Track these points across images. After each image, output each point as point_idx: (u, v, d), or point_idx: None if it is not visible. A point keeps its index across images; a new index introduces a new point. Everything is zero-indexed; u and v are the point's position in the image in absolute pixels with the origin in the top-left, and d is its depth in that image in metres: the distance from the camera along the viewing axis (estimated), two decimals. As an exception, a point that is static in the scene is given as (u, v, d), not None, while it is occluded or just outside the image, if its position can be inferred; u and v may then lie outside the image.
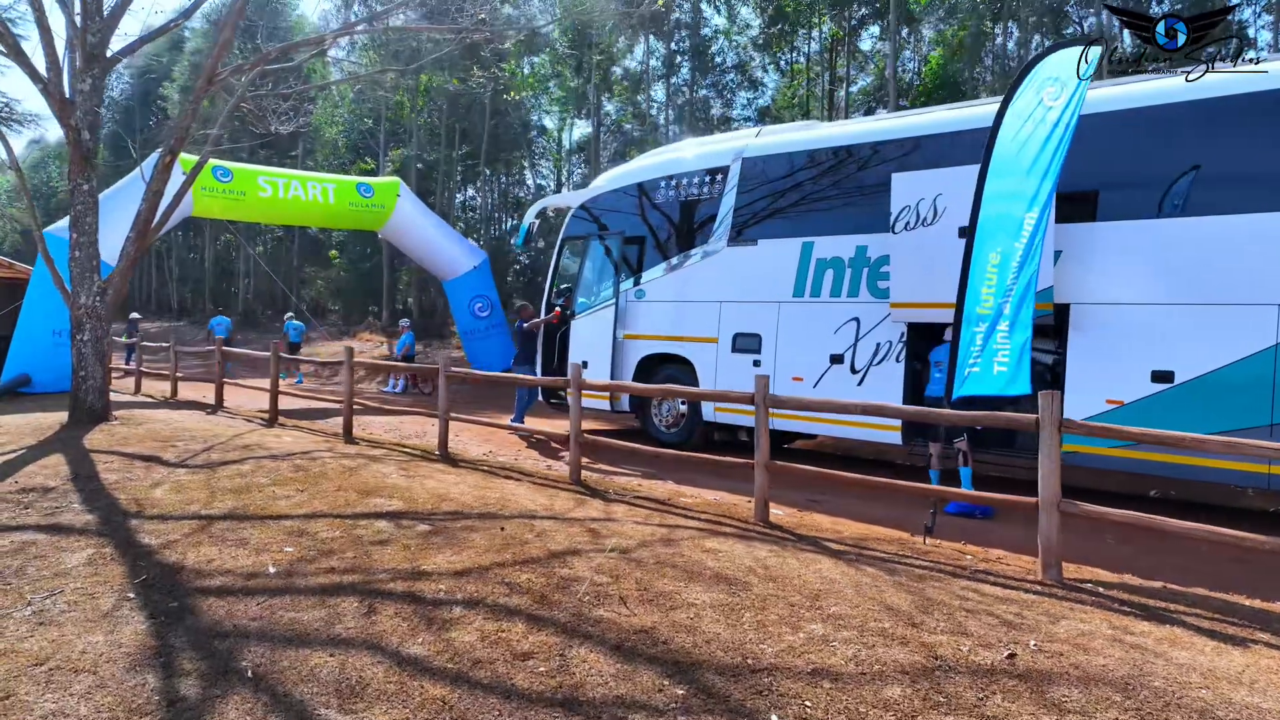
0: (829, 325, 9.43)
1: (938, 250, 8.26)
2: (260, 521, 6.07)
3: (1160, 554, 6.03)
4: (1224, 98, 7.06)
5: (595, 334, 11.67)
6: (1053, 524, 4.99)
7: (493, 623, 4.13)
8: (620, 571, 4.86)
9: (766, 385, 6.59)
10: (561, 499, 6.91)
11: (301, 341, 22.14)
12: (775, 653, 3.77)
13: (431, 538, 5.56)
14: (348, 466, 7.89)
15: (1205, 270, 7.12)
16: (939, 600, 4.51)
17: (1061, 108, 6.25)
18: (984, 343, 6.14)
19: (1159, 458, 7.26)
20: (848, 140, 9.58)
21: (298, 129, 13.56)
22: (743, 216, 10.34)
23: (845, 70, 29.04)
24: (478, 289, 19.60)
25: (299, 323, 22.66)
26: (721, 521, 6.40)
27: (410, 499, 6.64)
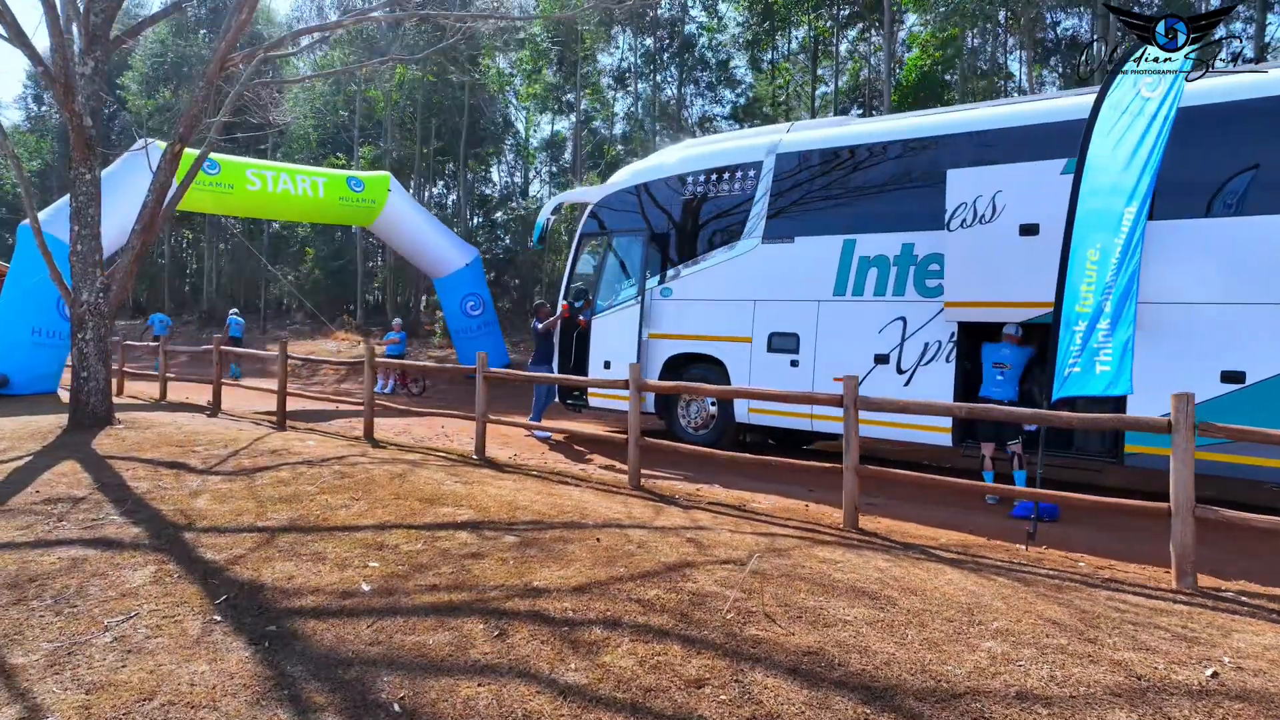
0: (873, 325, 9.23)
1: (997, 248, 8.12)
2: (327, 534, 5.67)
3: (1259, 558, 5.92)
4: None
5: (619, 333, 11.35)
6: (1187, 531, 4.82)
7: (643, 645, 3.82)
8: (748, 585, 4.58)
9: (855, 386, 6.36)
10: (636, 506, 6.59)
11: (243, 336, 21.39)
12: (965, 674, 3.52)
13: (526, 550, 5.21)
14: (392, 473, 7.48)
15: (1277, 269, 7.05)
16: (1094, 612, 4.30)
17: (1159, 99, 6.11)
18: (1084, 342, 5.97)
19: (1236, 459, 7.18)
20: (893, 136, 9.38)
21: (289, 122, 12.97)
22: (778, 213, 10.11)
23: (833, 68, 29.01)
24: (470, 287, 19.13)
25: (241, 319, 22.02)
26: (814, 529, 6.14)
27: (480, 508, 6.27)
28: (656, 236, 11.19)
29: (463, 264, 19.03)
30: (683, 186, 11.04)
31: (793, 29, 28.85)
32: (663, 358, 10.98)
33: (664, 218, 11.19)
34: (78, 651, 4.03)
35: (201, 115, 9.94)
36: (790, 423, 9.98)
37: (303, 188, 16.78)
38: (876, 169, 9.42)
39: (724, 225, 10.61)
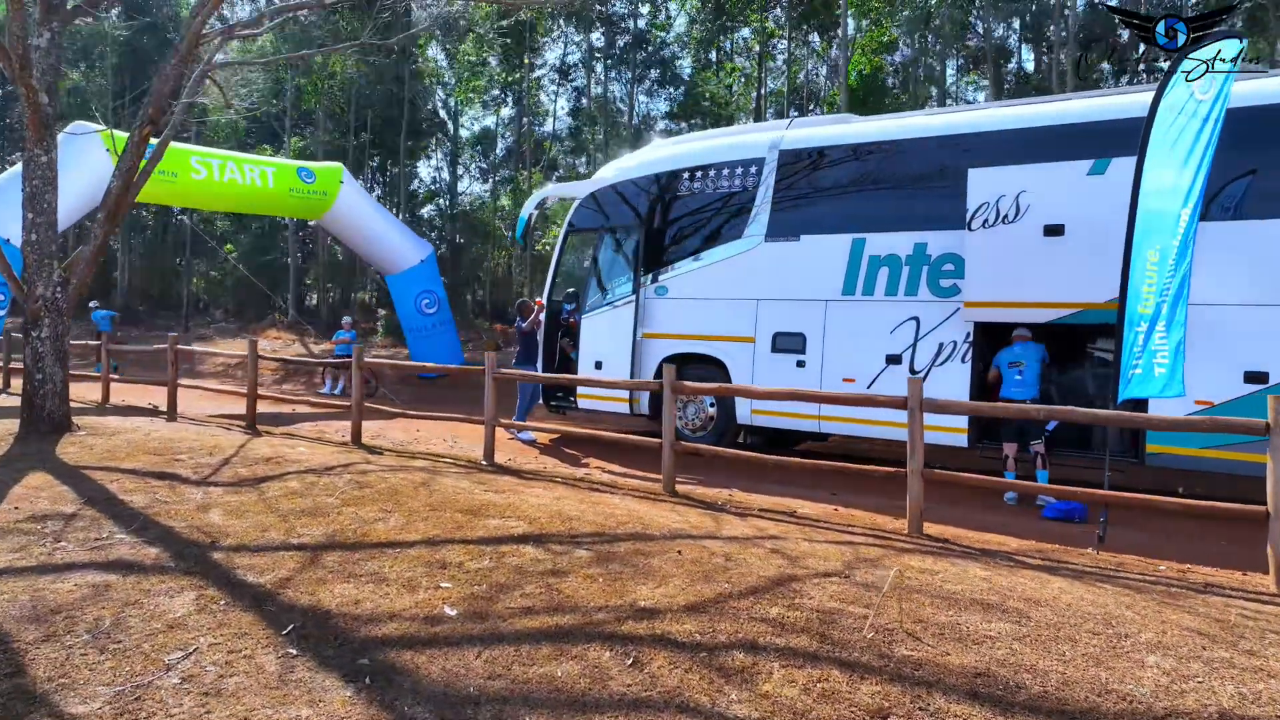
0: (884, 325, 9.14)
1: (1019, 249, 8.11)
2: (375, 551, 5.19)
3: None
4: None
5: (611, 333, 11.01)
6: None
7: (797, 670, 3.53)
8: (866, 600, 4.33)
9: (920, 389, 6.20)
10: (692, 515, 6.29)
11: (114, 330, 19.95)
12: (1151, 694, 3.34)
13: (608, 565, 4.86)
14: (413, 482, 6.99)
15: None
16: (1228, 620, 4.21)
17: (1211, 100, 6.13)
18: (1144, 343, 5.94)
19: (1249, 458, 7.30)
20: (907, 134, 9.31)
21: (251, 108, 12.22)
22: (781, 211, 9.93)
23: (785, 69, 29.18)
24: (425, 284, 18.47)
25: (107, 311, 20.60)
26: (883, 535, 5.96)
27: (530, 519, 5.87)
28: (651, 233, 10.89)
29: (417, 260, 18.36)
30: (678, 182, 10.77)
31: (741, 28, 28.89)
32: (658, 358, 10.66)
33: (658, 213, 10.90)
34: (146, 696, 3.51)
35: (171, 96, 9.17)
36: (797, 424, 9.82)
37: (251, 177, 15.88)
38: (887, 167, 9.33)
39: (723, 222, 10.39)
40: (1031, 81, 30.95)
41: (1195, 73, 6.13)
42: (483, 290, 32.63)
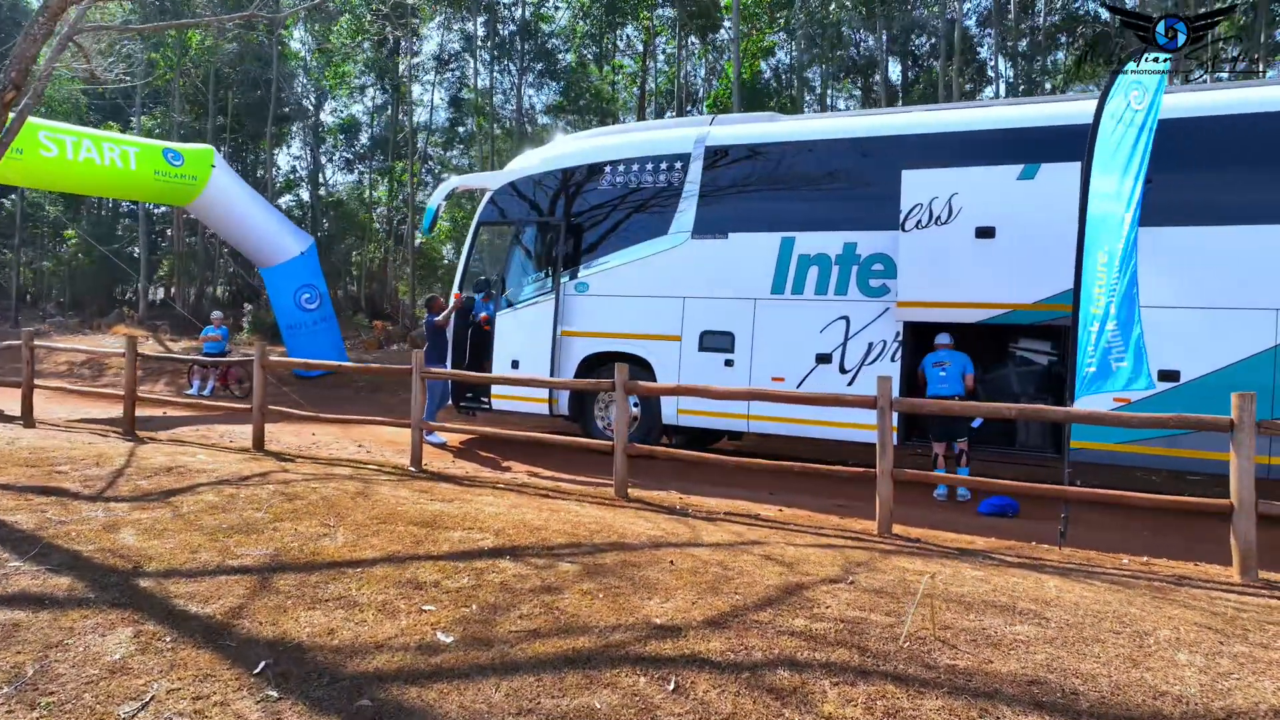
0: (814, 324, 9.15)
1: (952, 250, 8.27)
2: (334, 571, 4.66)
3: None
4: (1228, 116, 7.64)
5: (528, 331, 10.59)
6: (1250, 526, 5.01)
7: (850, 687, 3.33)
8: (883, 606, 4.20)
9: (890, 389, 6.16)
10: (661, 521, 6.02)
11: None
12: (1201, 694, 3.34)
13: (601, 579, 4.53)
14: (345, 491, 6.40)
15: (1210, 276, 7.63)
16: (1225, 614, 4.32)
17: (1145, 110, 6.38)
18: (1097, 341, 6.12)
19: (1164, 452, 7.72)
20: (838, 134, 9.37)
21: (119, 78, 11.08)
22: (709, 207, 9.80)
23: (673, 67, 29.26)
24: (305, 277, 17.34)
25: None
26: (858, 537, 5.88)
27: (495, 530, 5.44)
28: (571, 227, 10.53)
29: (297, 251, 17.21)
30: (600, 175, 10.46)
31: (626, 24, 28.76)
32: (579, 357, 10.34)
33: (579, 207, 10.55)
34: (108, 761, 2.94)
35: (36, 56, 8.08)
36: (726, 424, 9.72)
37: (111, 158, 14.40)
38: (818, 166, 9.35)
39: (648, 218, 10.15)
40: (917, 90, 32.12)
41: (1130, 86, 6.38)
42: (355, 285, 31.15)
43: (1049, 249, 7.89)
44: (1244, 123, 7.72)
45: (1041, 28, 27.72)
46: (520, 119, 28.69)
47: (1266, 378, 7.40)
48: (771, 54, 33.66)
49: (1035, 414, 6.49)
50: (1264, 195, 7.55)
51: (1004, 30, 29.12)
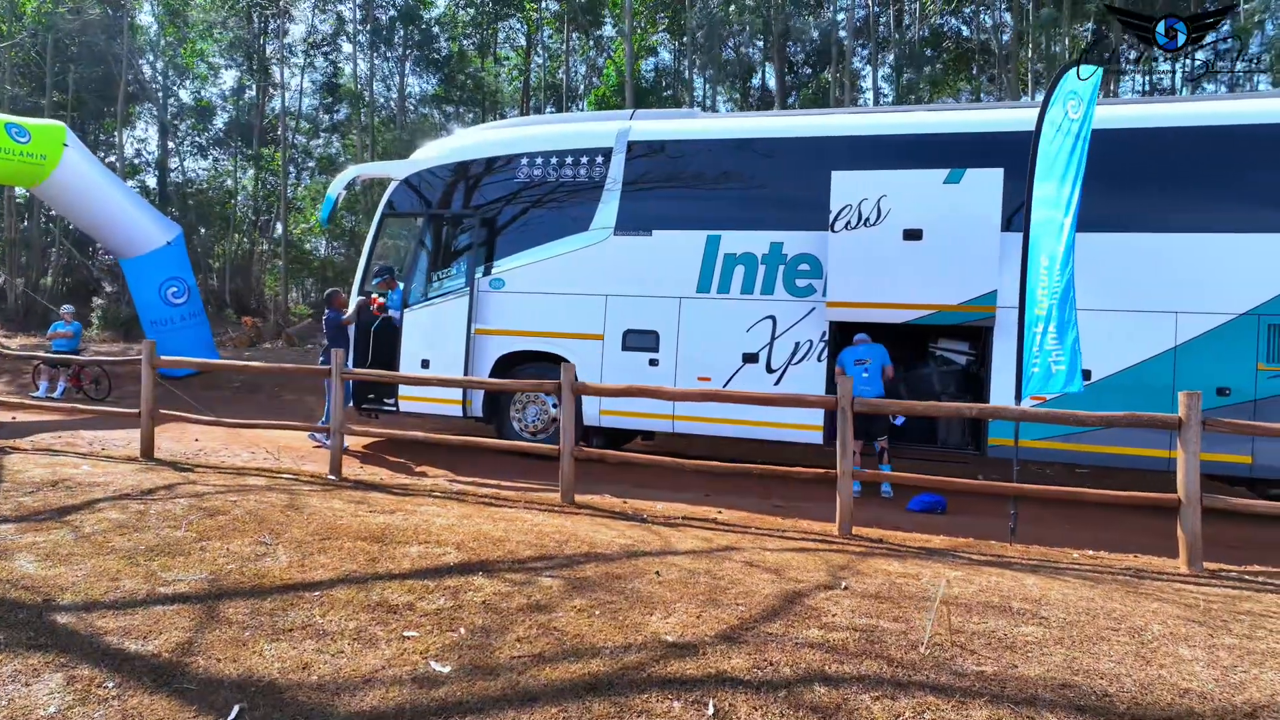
0: (741, 323, 9.11)
1: (880, 251, 8.38)
2: (288, 596, 4.18)
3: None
4: (1131, 130, 8.08)
5: (438, 329, 10.07)
6: (1197, 519, 5.24)
7: (892, 700, 3.21)
8: (889, 613, 4.12)
9: (850, 388, 6.12)
10: (625, 528, 5.76)
11: None
12: (1219, 688, 3.40)
13: (590, 595, 4.24)
14: (270, 504, 5.82)
15: (1117, 281, 8.03)
16: (1199, 605, 4.47)
17: (1080, 120, 6.64)
18: (1040, 343, 6.31)
19: (1081, 448, 8.09)
20: (766, 133, 9.33)
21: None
22: (632, 203, 9.58)
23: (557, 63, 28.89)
24: (172, 270, 16.00)
25: None
26: (822, 539, 5.81)
27: (454, 544, 5.05)
28: (485, 220, 10.08)
29: (163, 241, 15.86)
30: (517, 167, 10.06)
31: (512, 15, 28.17)
32: (494, 356, 9.92)
33: (494, 199, 10.12)
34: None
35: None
36: (650, 424, 9.54)
37: (-58, 131, 12.79)
38: (745, 165, 9.30)
39: (568, 212, 9.84)
40: (803, 95, 32.79)
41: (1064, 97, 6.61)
42: (216, 278, 29.14)
43: (973, 252, 8.14)
44: (1145, 136, 8.18)
45: (914, 41, 28.92)
46: (403, 108, 27.58)
47: (1167, 377, 7.85)
48: (654, 53, 33.85)
49: (992, 413, 6.61)
50: (1163, 205, 8.02)
51: (877, 43, 30.29)
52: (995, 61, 28.76)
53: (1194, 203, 7.99)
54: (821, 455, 9.44)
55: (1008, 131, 8.32)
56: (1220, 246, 7.82)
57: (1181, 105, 8.44)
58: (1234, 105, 8.32)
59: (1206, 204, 7.96)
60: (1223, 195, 7.94)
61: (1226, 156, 7.96)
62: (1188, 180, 8.03)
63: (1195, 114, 8.25)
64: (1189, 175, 8.03)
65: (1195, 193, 8.00)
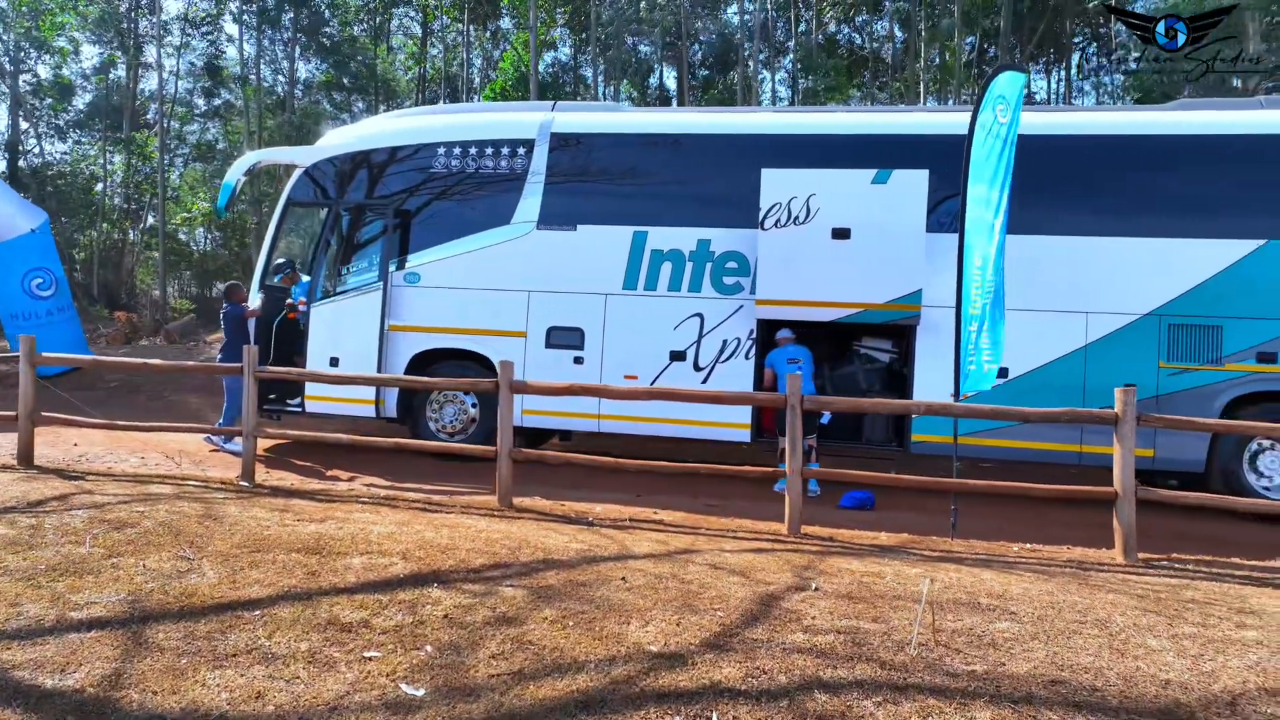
0: (668, 321, 9.00)
1: (809, 250, 8.42)
2: (224, 617, 3.79)
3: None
4: (1043, 136, 8.37)
5: (348, 325, 9.56)
6: (1132, 511, 5.42)
7: (894, 705, 3.13)
8: (866, 613, 4.05)
9: (799, 386, 6.07)
10: (575, 532, 5.52)
11: None
12: (1195, 678, 3.47)
13: (559, 605, 4.01)
14: (184, 514, 5.31)
15: (1031, 281, 8.29)
16: (1147, 595, 4.60)
17: (1008, 124, 6.81)
18: (976, 341, 6.43)
19: (998, 443, 8.32)
20: (693, 129, 9.26)
21: None
22: (556, 197, 9.33)
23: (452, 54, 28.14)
24: (35, 259, 14.69)
25: None
26: (775, 539, 5.74)
27: (399, 553, 4.71)
28: (400, 212, 9.63)
29: (27, 229, 14.56)
30: (434, 156, 9.65)
31: (408, 4, 27.29)
32: (409, 354, 9.49)
33: (410, 190, 9.67)
34: None
35: None
36: (575, 424, 9.31)
37: None
38: (673, 161, 9.18)
39: (488, 205, 9.49)
40: (712, 94, 32.96)
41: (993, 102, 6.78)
42: (82, 271, 27.04)
43: (899, 251, 8.28)
44: (1057, 143, 8.49)
45: (811, 47, 29.58)
46: (292, 93, 26.30)
47: (1078, 375, 8.18)
48: (553, 48, 33.51)
49: (941, 410, 6.68)
50: (1074, 209, 8.34)
51: (774, 48, 30.87)
52: (886, 69, 29.77)
53: (1102, 208, 8.34)
54: (746, 453, 9.46)
55: (932, 134, 8.51)
56: (1126, 250, 8.19)
57: (1091, 114, 8.85)
58: (1135, 116, 8.76)
59: (1113, 209, 8.31)
60: (1127, 201, 8.32)
61: (1130, 164, 8.35)
62: (1096, 186, 8.38)
63: (1102, 123, 8.63)
64: (1097, 181, 8.38)
65: (1103, 198, 8.35)
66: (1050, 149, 8.42)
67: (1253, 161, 8.13)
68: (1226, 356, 7.94)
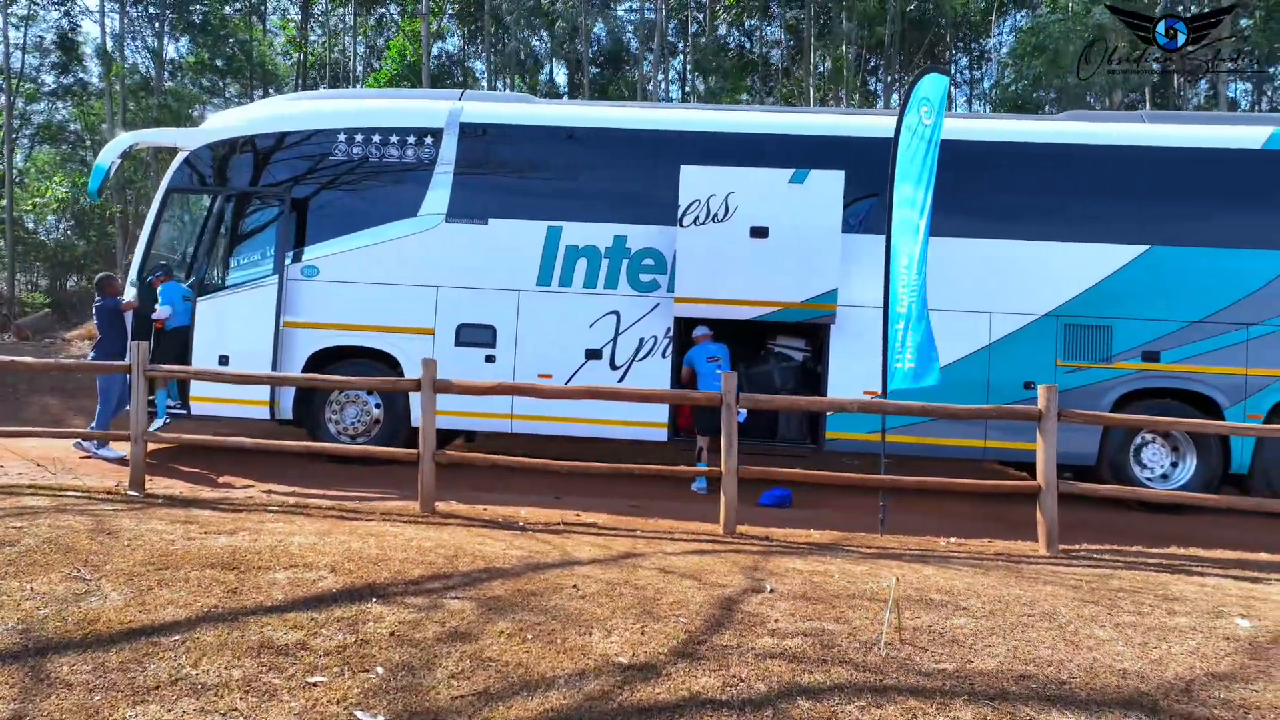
0: (584, 318, 8.82)
1: (728, 248, 8.40)
2: (138, 644, 3.38)
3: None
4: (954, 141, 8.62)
5: (240, 321, 8.95)
6: (1054, 504, 5.61)
7: (877, 708, 3.07)
8: (827, 614, 4.00)
9: (734, 385, 5.99)
10: (510, 538, 5.26)
11: None
12: (1147, 666, 3.57)
13: (513, 617, 3.78)
14: (72, 529, 4.77)
15: (939, 283, 8.52)
16: (1080, 586, 4.74)
17: (932, 127, 6.96)
18: (903, 339, 6.53)
19: (912, 440, 8.50)
20: (611, 123, 9.06)
21: None
22: (466, 190, 8.99)
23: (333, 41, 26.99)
24: None
25: None
26: (714, 540, 5.64)
27: (327, 566, 4.35)
28: (297, 201, 9.07)
29: None
30: (331, 142, 9.13)
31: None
32: (308, 351, 8.96)
33: (307, 178, 9.13)
34: None
35: None
36: (486, 424, 9.00)
37: None
38: (589, 155, 8.99)
39: (393, 196, 9.06)
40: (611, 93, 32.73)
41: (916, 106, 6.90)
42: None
43: (816, 251, 8.36)
44: (963, 149, 8.75)
45: (705, 49, 29.89)
46: (160, 74, 24.59)
47: (983, 373, 8.47)
48: (441, 38, 32.66)
49: (875, 407, 6.75)
50: (980, 213, 8.62)
51: (664, 49, 31.02)
52: (775, 74, 30.42)
53: (1004, 212, 8.66)
54: (650, 453, 9.38)
55: (849, 136, 8.64)
56: (1026, 253, 8.54)
57: (993, 122, 9.15)
58: (1033, 125, 9.13)
59: (1014, 214, 8.65)
60: (1026, 206, 8.67)
61: (1027, 171, 8.70)
62: (998, 191, 8.69)
63: (1003, 131, 8.95)
64: (999, 186, 8.70)
65: (1005, 203, 8.68)
66: (956, 154, 8.66)
67: (1135, 171, 8.61)
68: (1116, 355, 8.38)
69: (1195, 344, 8.26)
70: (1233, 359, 8.23)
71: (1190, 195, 8.52)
